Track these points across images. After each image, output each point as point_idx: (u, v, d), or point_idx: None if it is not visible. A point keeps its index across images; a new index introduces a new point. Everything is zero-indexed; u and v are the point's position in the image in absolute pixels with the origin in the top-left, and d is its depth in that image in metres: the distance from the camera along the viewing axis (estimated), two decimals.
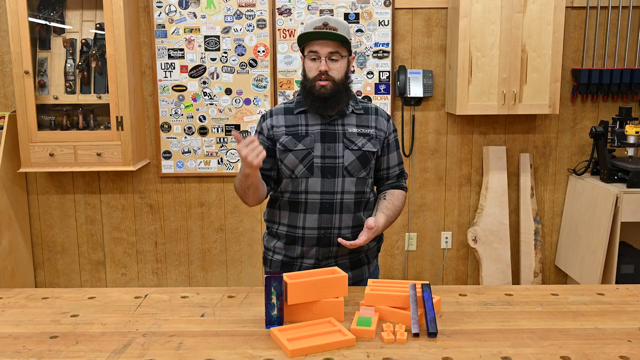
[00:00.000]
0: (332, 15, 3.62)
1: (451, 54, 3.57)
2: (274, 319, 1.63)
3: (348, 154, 2.01)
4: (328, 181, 2.00)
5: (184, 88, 3.70)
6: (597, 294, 1.89)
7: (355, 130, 2.04)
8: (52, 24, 3.53)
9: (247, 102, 3.71)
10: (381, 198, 2.10)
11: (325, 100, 1.99)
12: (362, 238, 1.91)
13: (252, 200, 2.00)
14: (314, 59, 1.99)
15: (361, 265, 2.12)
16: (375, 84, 3.71)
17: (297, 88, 3.70)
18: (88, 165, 3.47)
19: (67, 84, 3.51)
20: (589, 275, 3.44)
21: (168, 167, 3.78)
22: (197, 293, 1.91)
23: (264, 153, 1.79)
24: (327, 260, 2.05)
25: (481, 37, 3.39)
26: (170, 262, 3.89)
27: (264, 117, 2.10)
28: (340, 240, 1.92)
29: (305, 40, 2.00)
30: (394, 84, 3.71)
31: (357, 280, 2.10)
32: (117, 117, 3.41)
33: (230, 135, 3.73)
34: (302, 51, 2.05)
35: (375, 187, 2.18)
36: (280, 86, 3.70)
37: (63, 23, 3.55)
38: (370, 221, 1.91)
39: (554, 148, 3.82)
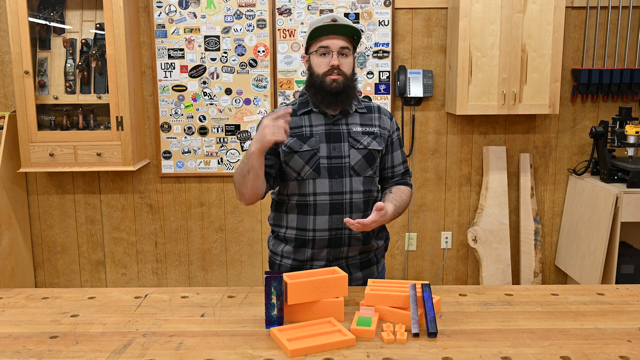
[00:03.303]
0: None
1: (451, 54, 3.57)
2: (274, 319, 1.63)
3: (354, 153, 2.00)
4: (336, 181, 1.99)
5: (184, 88, 3.70)
6: (597, 294, 1.89)
7: (359, 129, 2.04)
8: (52, 24, 3.53)
9: (247, 102, 3.71)
10: (387, 192, 2.09)
11: (336, 95, 1.97)
12: (371, 218, 1.84)
13: (250, 190, 1.94)
14: (324, 54, 1.98)
15: (370, 265, 2.12)
16: (375, 84, 3.71)
17: (297, 88, 3.70)
18: (88, 165, 3.47)
19: (67, 84, 3.51)
20: (589, 275, 3.44)
21: (168, 167, 3.78)
22: (197, 293, 1.91)
23: (283, 136, 1.81)
24: (338, 260, 2.04)
25: (481, 37, 3.39)
26: (170, 262, 3.89)
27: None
28: (346, 220, 1.85)
29: (315, 36, 1.98)
30: (394, 84, 3.71)
31: (367, 280, 2.09)
32: (117, 117, 3.41)
33: (230, 135, 3.73)
34: (308, 49, 2.03)
35: (380, 187, 2.17)
36: (280, 86, 3.70)
37: (63, 23, 3.55)
38: (379, 203, 1.86)
39: (554, 148, 3.82)
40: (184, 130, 3.74)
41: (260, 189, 1.97)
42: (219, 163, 3.77)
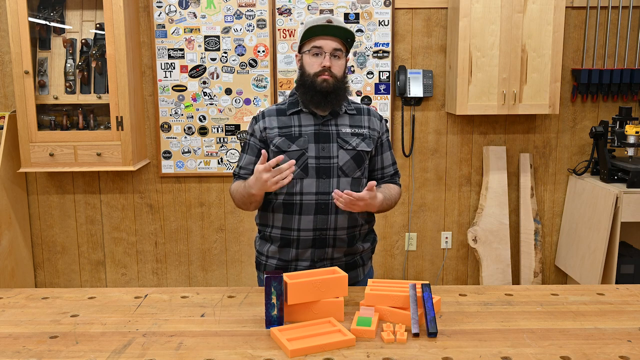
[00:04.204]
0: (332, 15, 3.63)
1: (451, 54, 3.57)
2: (274, 319, 1.63)
3: (342, 154, 2.01)
4: (323, 182, 1.99)
5: (184, 88, 3.70)
6: (597, 294, 1.89)
7: (348, 130, 2.04)
8: (52, 24, 3.53)
9: (247, 102, 3.71)
10: (377, 188, 2.10)
11: (326, 95, 1.98)
12: (361, 195, 1.85)
13: (252, 209, 2.08)
14: (317, 55, 1.99)
15: (356, 267, 2.12)
16: (375, 84, 3.71)
17: None
18: (88, 165, 3.47)
19: (67, 84, 3.51)
20: (589, 275, 3.44)
21: (168, 167, 3.78)
22: (197, 293, 1.91)
23: (286, 180, 1.82)
24: (323, 262, 2.04)
25: (481, 37, 3.39)
26: (170, 262, 3.89)
27: (255, 119, 2.09)
28: (335, 192, 1.86)
29: (309, 36, 1.99)
30: (394, 84, 3.71)
31: (353, 282, 2.09)
32: (117, 117, 3.41)
33: (230, 135, 3.73)
34: (300, 48, 2.04)
35: None
36: (280, 86, 3.70)
37: (63, 23, 3.55)
38: (371, 182, 1.87)
39: (554, 148, 3.82)
40: (184, 130, 3.74)
41: (262, 202, 2.06)
42: (219, 163, 3.77)
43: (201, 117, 3.73)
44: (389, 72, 3.70)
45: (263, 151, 1.84)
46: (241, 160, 2.10)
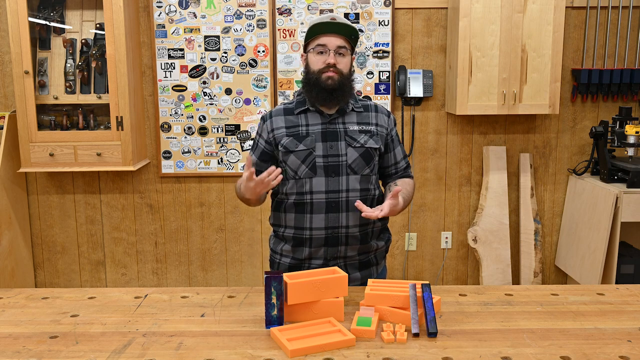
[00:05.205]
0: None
1: (451, 54, 3.57)
2: (274, 319, 1.63)
3: (351, 152, 2.01)
4: (332, 180, 1.99)
5: (184, 88, 3.70)
6: (597, 294, 1.89)
7: (356, 127, 2.04)
8: (52, 24, 3.53)
9: (247, 102, 3.71)
10: (392, 185, 2.10)
11: (331, 92, 1.98)
12: (385, 211, 1.86)
13: (255, 205, 2.10)
14: (321, 53, 1.99)
15: (370, 266, 2.11)
16: (375, 84, 3.71)
17: (297, 88, 3.70)
18: (88, 165, 3.47)
19: (67, 84, 3.51)
20: (589, 275, 3.44)
21: (168, 167, 3.78)
22: (197, 293, 1.91)
23: (274, 183, 1.85)
24: (336, 260, 2.04)
25: (481, 37, 3.39)
26: (170, 262, 3.89)
27: (263, 119, 2.10)
28: (358, 204, 1.89)
29: (313, 34, 2.00)
30: (394, 84, 3.71)
31: (365, 282, 2.09)
32: (117, 117, 3.41)
33: (230, 135, 3.73)
34: (306, 47, 2.05)
35: (381, 182, 2.18)
36: (280, 86, 3.70)
37: (63, 23, 3.55)
38: (396, 189, 1.87)
39: (554, 148, 3.82)
40: (184, 130, 3.74)
41: (263, 198, 2.08)
42: (219, 163, 3.77)
43: (201, 117, 3.73)
44: (389, 72, 3.70)
45: (248, 157, 1.87)
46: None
